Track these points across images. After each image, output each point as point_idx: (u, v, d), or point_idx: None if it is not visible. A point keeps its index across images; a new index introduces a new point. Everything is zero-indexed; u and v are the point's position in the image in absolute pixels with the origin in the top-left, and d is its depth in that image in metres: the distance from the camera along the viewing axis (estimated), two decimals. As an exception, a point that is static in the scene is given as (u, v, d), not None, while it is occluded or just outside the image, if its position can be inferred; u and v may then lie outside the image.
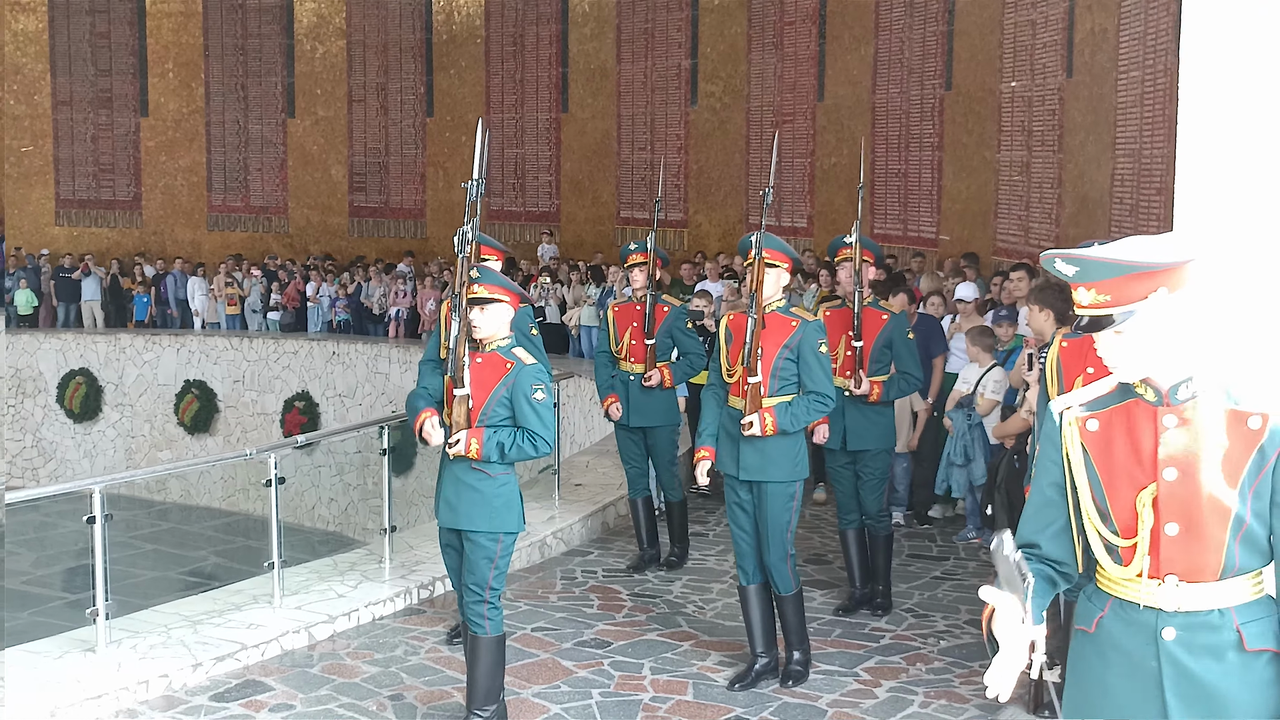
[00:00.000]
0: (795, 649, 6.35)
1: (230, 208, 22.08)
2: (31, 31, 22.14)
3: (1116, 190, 11.31)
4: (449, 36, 20.69)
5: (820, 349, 6.16)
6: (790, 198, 16.90)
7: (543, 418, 5.60)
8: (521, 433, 5.57)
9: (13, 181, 22.33)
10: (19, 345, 19.95)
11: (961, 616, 7.60)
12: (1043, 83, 13.01)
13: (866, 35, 15.72)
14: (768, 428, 6.01)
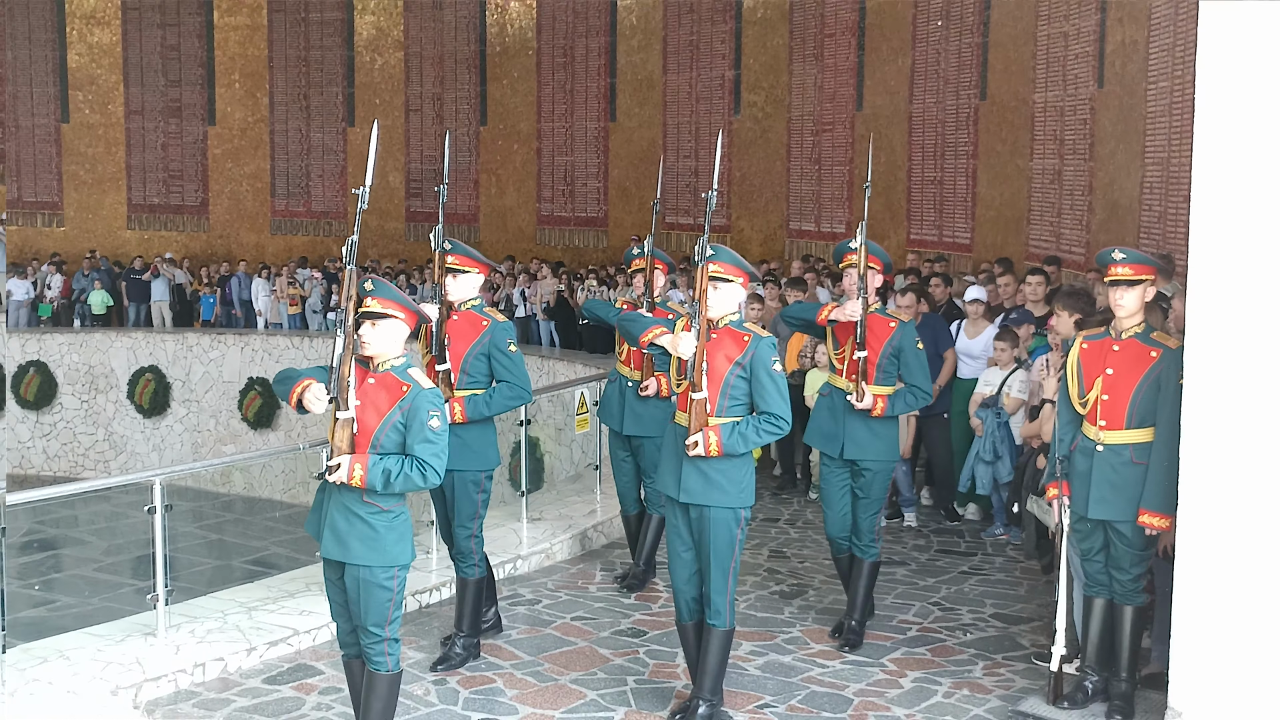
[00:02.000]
0: (704, 695, 5.77)
1: (293, 212, 22.28)
2: (105, 44, 22.40)
3: (1145, 198, 11.25)
4: (502, 48, 20.78)
5: (774, 367, 5.61)
6: (829, 204, 16.89)
7: (436, 445, 5.10)
8: (410, 461, 5.05)
9: (87, 187, 22.63)
10: (92, 344, 20.18)
11: (986, 610, 7.58)
12: (1075, 93, 12.94)
13: (904, 47, 15.68)
14: (712, 448, 5.53)
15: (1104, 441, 5.67)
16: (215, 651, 6.71)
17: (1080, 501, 5.74)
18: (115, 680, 6.32)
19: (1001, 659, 6.77)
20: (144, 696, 6.33)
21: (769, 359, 5.58)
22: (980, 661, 6.74)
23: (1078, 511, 5.77)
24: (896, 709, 6.13)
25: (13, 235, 22.52)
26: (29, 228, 22.64)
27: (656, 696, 6.30)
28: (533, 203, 20.76)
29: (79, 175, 22.67)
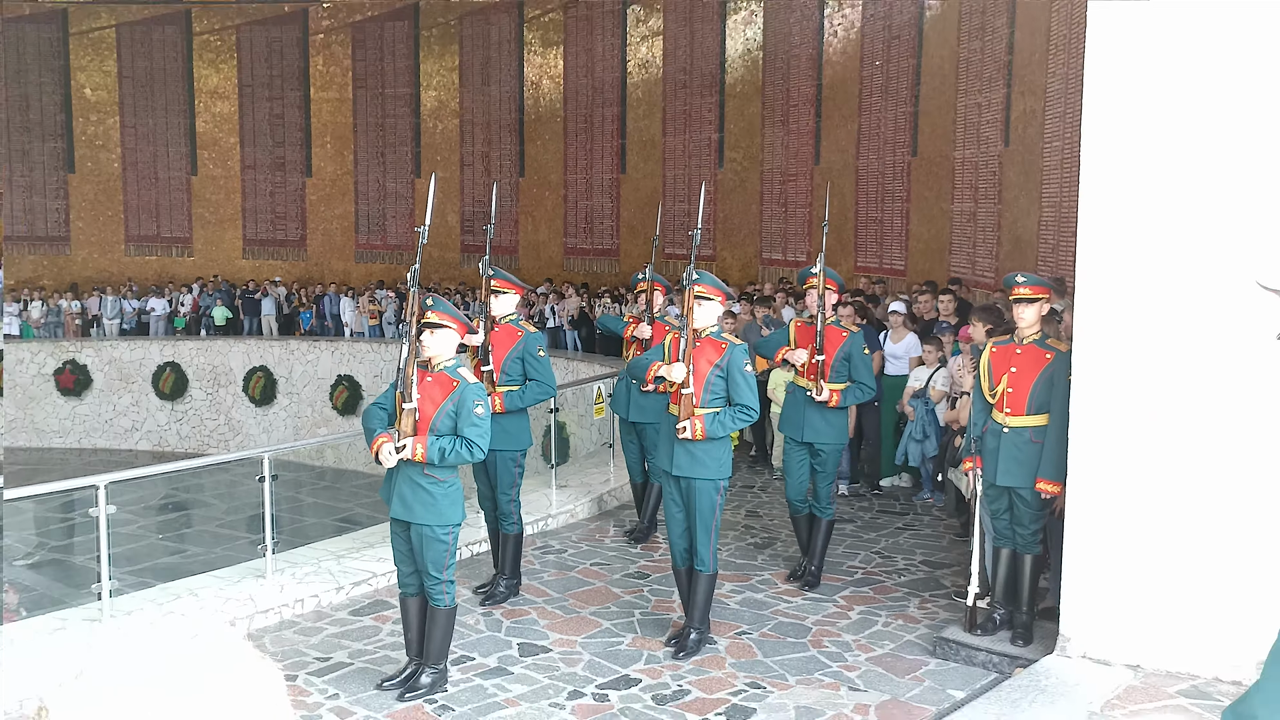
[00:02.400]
0: (695, 625, 5.86)
1: (372, 245, 22.31)
2: (225, 113, 22.44)
3: (1042, 233, 11.23)
4: (536, 116, 20.80)
5: (746, 368, 5.75)
6: (794, 238, 16.88)
7: (480, 428, 5.22)
8: (461, 440, 5.18)
9: (211, 226, 22.67)
10: (215, 349, 20.22)
11: (916, 558, 7.60)
12: (986, 151, 12.93)
13: (852, 114, 15.68)
14: (698, 433, 5.66)
15: (1009, 425, 5.68)
16: (311, 590, 6.74)
17: (990, 472, 5.76)
18: (232, 613, 6.35)
19: (928, 596, 6.79)
20: (254, 625, 6.37)
21: (742, 362, 5.73)
22: (912, 598, 6.76)
23: (988, 480, 5.79)
24: (845, 635, 6.16)
25: (152, 264, 22.56)
26: (166, 258, 22.67)
27: (657, 625, 6.33)
28: (560, 237, 20.79)
29: (205, 216, 22.70)
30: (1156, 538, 5.01)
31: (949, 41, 13.64)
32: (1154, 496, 5.00)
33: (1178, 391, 4.91)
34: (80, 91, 22.21)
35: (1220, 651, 4.94)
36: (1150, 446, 5.00)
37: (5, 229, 22.18)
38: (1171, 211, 4.88)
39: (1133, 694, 4.86)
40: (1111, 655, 5.18)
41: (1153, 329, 4.95)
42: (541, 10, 20.43)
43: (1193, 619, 4.98)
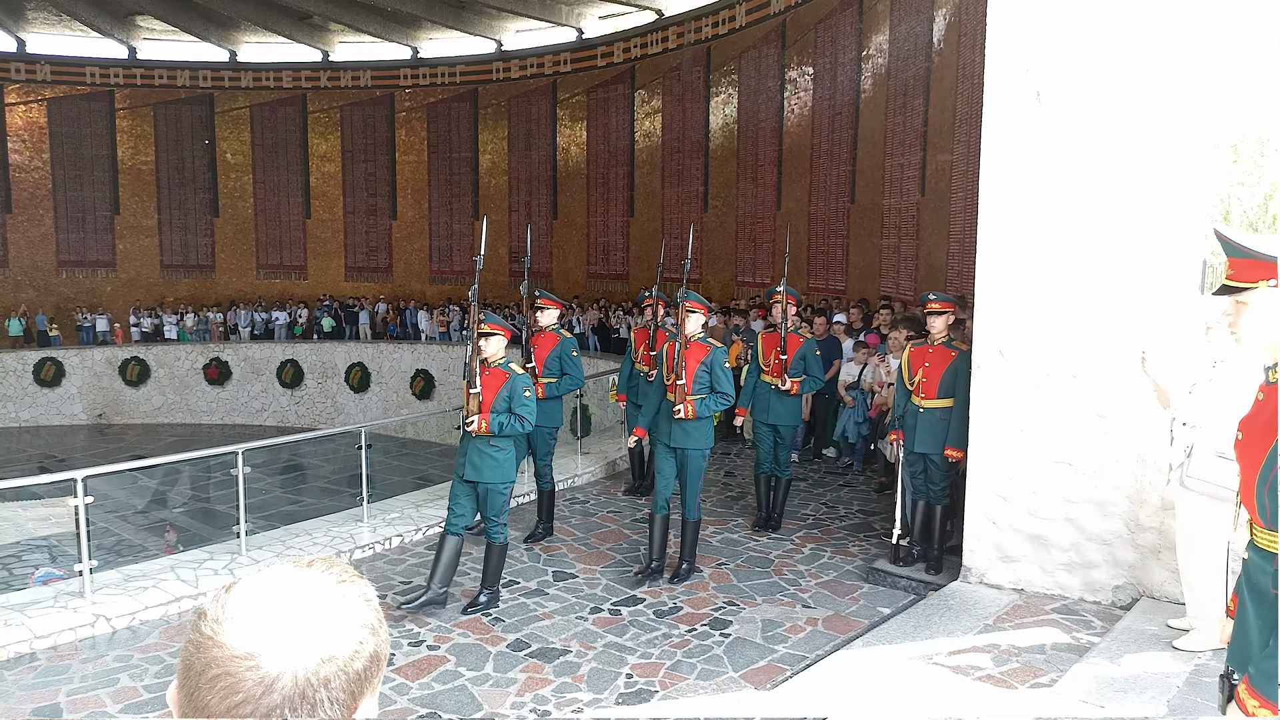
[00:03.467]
0: (686, 559, 5.88)
1: (442, 271, 22.28)
2: (331, 172, 22.42)
3: (949, 262, 11.19)
4: (566, 173, 20.76)
5: (724, 365, 5.84)
6: (761, 266, 16.81)
7: (528, 407, 5.29)
8: (514, 417, 5.25)
9: (320, 258, 22.63)
10: (324, 349, 20.20)
11: (854, 508, 7.57)
12: (906, 199, 12.88)
13: (805, 171, 15.62)
14: (690, 414, 5.69)
15: (923, 406, 5.66)
16: (396, 531, 6.74)
17: (909, 442, 5.74)
18: (337, 547, 6.34)
19: (862, 537, 6.76)
20: (354, 557, 6.35)
21: (721, 360, 5.86)
22: (850, 538, 6.73)
23: (908, 449, 5.77)
24: (800, 565, 6.13)
25: (276, 286, 22.53)
26: (286, 281, 22.65)
27: (657, 558, 6.29)
28: (584, 265, 20.75)
29: (316, 249, 22.69)
30: (1036, 491, 4.99)
31: (879, 115, 13.58)
32: (1034, 460, 4.98)
33: (1051, 379, 4.90)
34: (223, 156, 22.20)
35: (1084, 579, 4.92)
36: (1030, 422, 4.98)
37: (168, 261, 22.20)
38: (1045, 247, 4.87)
39: (1018, 610, 4.84)
40: (1002, 581, 5.16)
41: (1033, 333, 4.94)
42: (570, 94, 20.38)
43: (1064, 554, 4.96)
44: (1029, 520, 5.01)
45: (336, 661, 0.77)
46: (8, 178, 20.94)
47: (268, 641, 0.76)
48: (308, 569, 0.83)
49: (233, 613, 0.78)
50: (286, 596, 0.79)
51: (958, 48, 11.09)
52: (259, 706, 0.74)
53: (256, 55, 22.21)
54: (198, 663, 0.77)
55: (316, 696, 0.75)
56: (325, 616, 0.79)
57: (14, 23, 20.44)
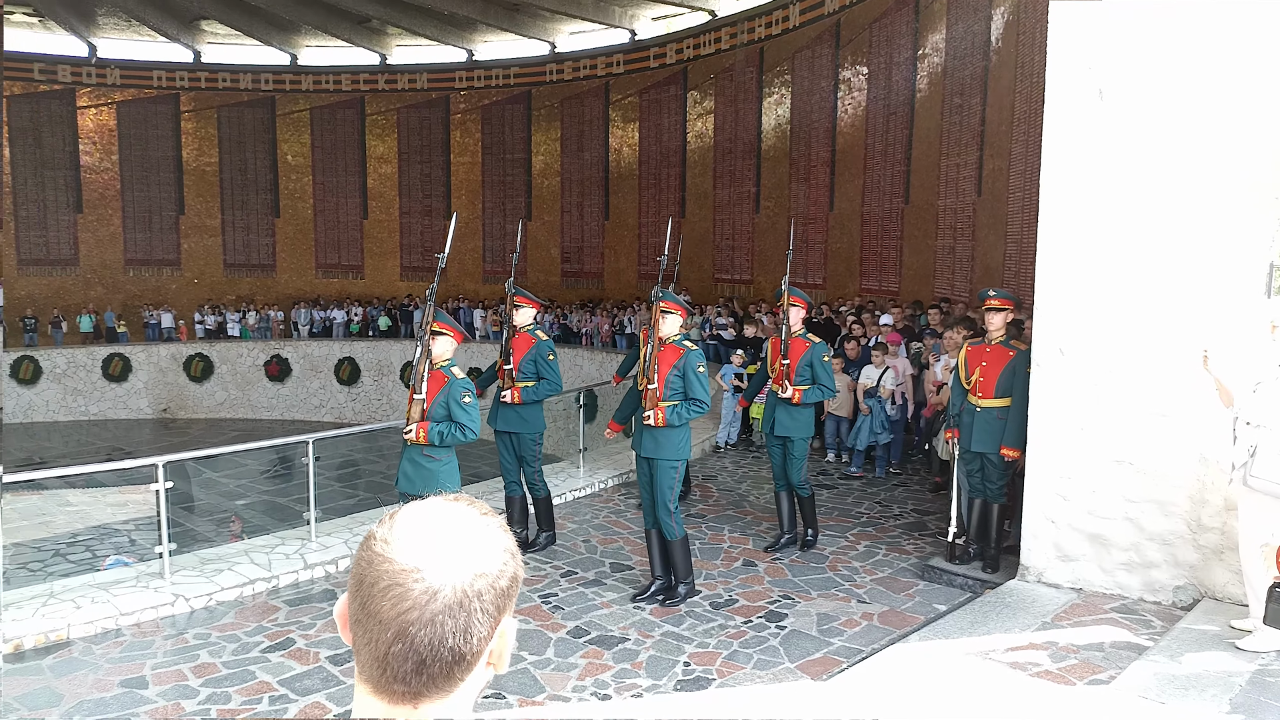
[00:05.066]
0: (680, 580, 5.48)
1: (494, 271, 22.61)
2: (388, 174, 22.90)
3: (1006, 263, 11.10)
4: (618, 175, 20.94)
5: (699, 369, 5.33)
6: (812, 267, 16.81)
7: (469, 414, 4.95)
8: (453, 425, 4.98)
9: (377, 258, 23.11)
10: (380, 347, 20.64)
11: (908, 507, 7.58)
12: (963, 200, 12.80)
13: (858, 172, 15.58)
14: (660, 420, 5.29)
15: (980, 405, 5.68)
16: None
17: (965, 441, 5.77)
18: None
19: (917, 535, 6.78)
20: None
21: (695, 364, 5.34)
22: (905, 536, 6.76)
23: (964, 447, 5.79)
24: (854, 562, 6.19)
25: (334, 285, 23.08)
26: (344, 280, 23.17)
27: (712, 552, 6.41)
28: (635, 265, 20.90)
29: (373, 250, 23.19)
30: (1095, 490, 5.00)
31: (934, 115, 13.51)
32: (1094, 459, 4.99)
33: (1112, 377, 4.90)
34: (284, 158, 22.82)
35: (1144, 579, 4.91)
36: (1090, 421, 4.99)
37: (230, 260, 22.88)
38: (1106, 246, 4.88)
39: (1076, 609, 4.85)
40: (1061, 580, 5.17)
41: (1094, 331, 4.95)
42: (622, 95, 20.57)
43: (1123, 554, 4.96)
44: (1088, 519, 5.02)
45: (487, 578, 0.91)
46: (79, 179, 21.78)
47: (431, 558, 0.89)
48: (456, 502, 0.98)
49: (399, 534, 0.92)
50: (443, 522, 0.93)
51: (1016, 46, 11.01)
52: (424, 613, 0.87)
53: (316, 59, 22.80)
54: (369, 576, 0.90)
55: (471, 606, 0.89)
56: (476, 540, 0.93)
57: (86, 29, 21.26)
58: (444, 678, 0.89)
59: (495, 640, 0.93)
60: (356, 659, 0.91)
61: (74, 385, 19.56)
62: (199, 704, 4.36)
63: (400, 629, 0.87)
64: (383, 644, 0.88)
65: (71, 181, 21.72)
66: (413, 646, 0.87)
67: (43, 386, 19.31)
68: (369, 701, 0.91)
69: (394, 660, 0.88)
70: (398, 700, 0.89)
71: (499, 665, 0.95)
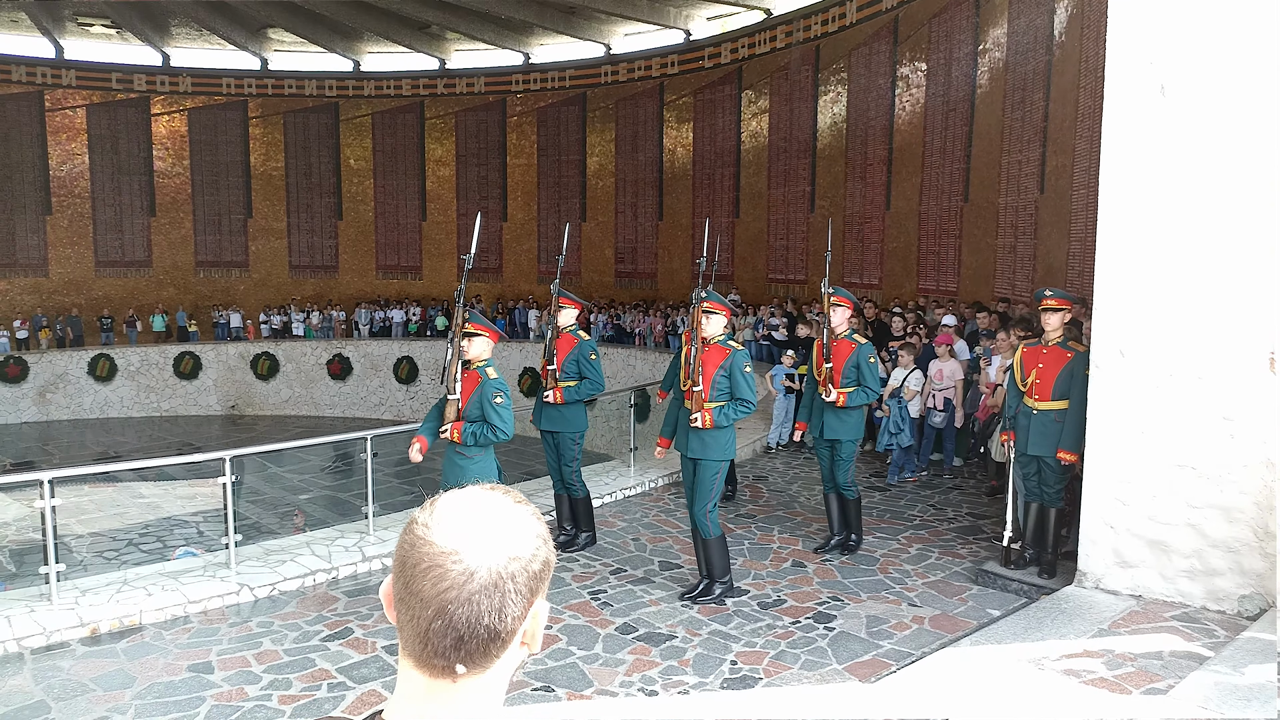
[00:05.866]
0: (716, 579, 5.52)
1: (549, 272, 22.80)
2: (446, 176, 23.28)
3: (1070, 262, 10.87)
4: (672, 175, 20.98)
5: (745, 369, 5.32)
6: (868, 267, 16.64)
7: (500, 414, 5.04)
8: (485, 425, 5.09)
9: (435, 259, 23.51)
10: (437, 347, 20.92)
11: (962, 510, 7.48)
12: (1024, 197, 12.54)
13: (916, 170, 15.38)
14: (707, 422, 5.32)
15: (1037, 408, 5.59)
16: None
17: (1022, 444, 5.67)
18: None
19: (971, 539, 6.69)
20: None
21: (742, 364, 5.35)
22: (958, 540, 6.68)
23: (1020, 450, 5.70)
24: (906, 565, 6.13)
25: (394, 285, 23.55)
26: (403, 281, 23.63)
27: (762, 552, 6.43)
28: (689, 266, 20.88)
29: (431, 251, 23.60)
30: (1156, 495, 4.88)
31: (995, 111, 13.27)
32: (1154, 463, 4.87)
33: (1174, 380, 4.79)
34: (347, 162, 23.36)
35: (1207, 587, 4.79)
36: (1151, 424, 4.88)
37: (295, 262, 23.49)
38: (1168, 245, 4.76)
39: (1135, 616, 4.75)
40: (1119, 587, 5.06)
41: (1156, 333, 4.84)
42: (677, 96, 20.60)
43: (1185, 561, 4.83)
44: (1149, 525, 4.90)
45: (520, 560, 0.96)
46: (152, 183, 22.58)
47: (468, 542, 0.95)
48: (491, 491, 1.03)
49: (439, 519, 0.98)
50: (479, 509, 0.99)
51: (1080, 40, 10.76)
52: (462, 593, 0.93)
53: (378, 65, 23.28)
54: (411, 558, 0.97)
55: (505, 587, 0.95)
56: (510, 525, 0.99)
57: (160, 39, 22.04)
58: (481, 654, 0.95)
59: (528, 621, 0.98)
60: (400, 635, 0.97)
61: (147, 382, 20.29)
62: (261, 689, 4.52)
63: (440, 607, 0.93)
64: (424, 621, 0.94)
65: (145, 186, 22.53)
66: (451, 623, 0.93)
67: (118, 383, 20.06)
68: (412, 675, 0.97)
69: (434, 636, 0.93)
70: (438, 674, 0.95)
71: (532, 645, 1.00)
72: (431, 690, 0.96)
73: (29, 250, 21.82)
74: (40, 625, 5.13)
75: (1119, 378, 4.96)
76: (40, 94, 21.60)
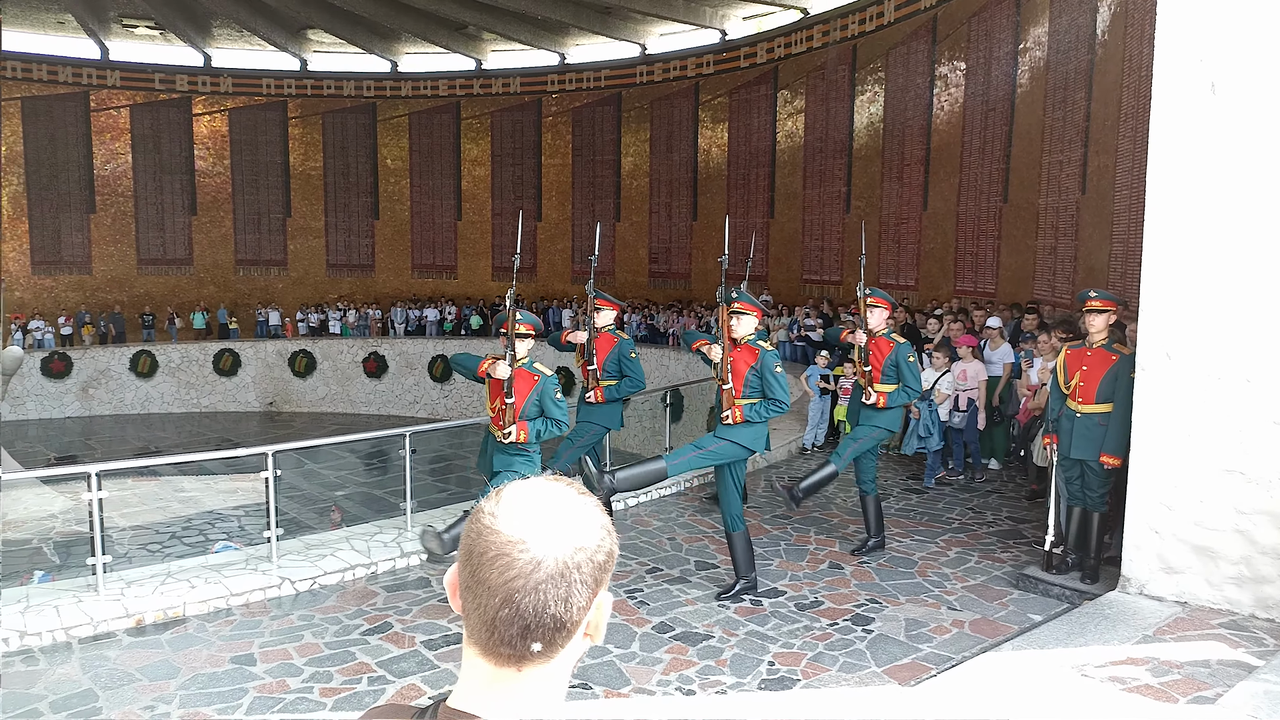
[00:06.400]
0: (740, 575, 5.59)
1: (582, 271, 22.87)
2: (481, 176, 23.45)
3: (1112, 264, 10.69)
4: (706, 175, 20.96)
5: (777, 369, 5.35)
6: (904, 268, 16.50)
7: (562, 409, 5.16)
8: (549, 421, 5.22)
9: (469, 258, 23.69)
10: (471, 346, 20.99)
11: (1003, 514, 7.39)
12: (1065, 198, 12.37)
13: (954, 170, 15.22)
14: (738, 418, 5.36)
15: (1080, 411, 5.52)
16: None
17: (1065, 447, 5.60)
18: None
19: (1012, 543, 6.61)
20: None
21: (772, 365, 5.38)
22: (999, 544, 6.61)
23: (1063, 453, 5.63)
24: (945, 568, 6.08)
25: (429, 284, 23.77)
26: (436, 280, 23.84)
27: (797, 552, 6.37)
28: (723, 266, 20.83)
29: (465, 250, 23.78)
30: (1203, 500, 4.80)
31: (1036, 111, 13.10)
32: (1201, 468, 4.79)
33: (1222, 383, 4.70)
34: (384, 161, 23.62)
35: (1255, 595, 4.70)
36: (1198, 428, 4.79)
37: (332, 261, 23.80)
38: (1217, 246, 4.68)
39: (1180, 623, 4.67)
40: (1164, 593, 4.98)
41: (1203, 335, 4.75)
42: (712, 95, 20.57)
43: (1233, 568, 4.75)
44: (1195, 531, 4.82)
45: (586, 551, 0.97)
46: (194, 183, 22.99)
47: (535, 531, 0.96)
48: (556, 481, 1.04)
49: (506, 509, 0.99)
50: (546, 499, 1.00)
51: (1124, 38, 10.59)
52: (529, 581, 0.94)
53: (415, 65, 23.50)
54: (478, 546, 0.97)
55: (571, 576, 0.95)
56: (576, 516, 0.99)
57: (202, 40, 22.43)
58: (546, 644, 0.96)
59: (593, 612, 0.99)
60: (466, 623, 0.98)
61: (187, 379, 20.66)
62: (303, 682, 4.59)
63: (507, 595, 0.94)
64: (491, 609, 0.95)
65: (187, 185, 22.95)
66: (518, 612, 0.94)
67: (159, 380, 20.45)
68: (477, 663, 0.98)
69: (501, 624, 0.94)
70: (504, 662, 0.96)
71: (595, 636, 1.01)
72: (496, 678, 0.97)
73: (73, 248, 22.31)
74: (88, 615, 5.26)
75: (1165, 380, 4.88)
76: (86, 95, 22.08)
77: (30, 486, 9.26)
